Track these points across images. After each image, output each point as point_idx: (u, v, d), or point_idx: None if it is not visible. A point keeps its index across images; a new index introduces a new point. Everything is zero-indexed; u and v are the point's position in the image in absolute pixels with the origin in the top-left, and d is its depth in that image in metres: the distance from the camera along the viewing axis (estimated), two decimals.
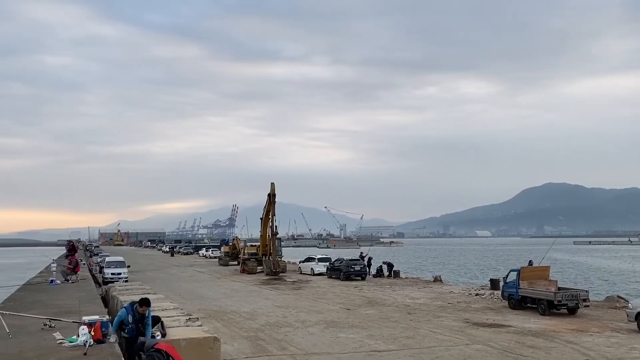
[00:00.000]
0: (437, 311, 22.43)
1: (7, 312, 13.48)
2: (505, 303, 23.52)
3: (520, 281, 22.55)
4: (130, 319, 10.63)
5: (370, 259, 42.46)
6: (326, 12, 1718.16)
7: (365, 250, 52.25)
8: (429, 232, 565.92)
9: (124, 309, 10.95)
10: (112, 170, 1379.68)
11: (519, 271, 23.08)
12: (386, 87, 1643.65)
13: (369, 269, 40.26)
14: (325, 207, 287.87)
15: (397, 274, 39.58)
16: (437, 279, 36.40)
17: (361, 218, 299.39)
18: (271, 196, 42.30)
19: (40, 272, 37.67)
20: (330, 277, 38.10)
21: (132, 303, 10.88)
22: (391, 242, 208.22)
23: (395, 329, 18.35)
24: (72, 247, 41.71)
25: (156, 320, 11.11)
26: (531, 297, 22.09)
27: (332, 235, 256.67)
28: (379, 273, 39.89)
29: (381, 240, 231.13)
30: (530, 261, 33.07)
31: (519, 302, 22.52)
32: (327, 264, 40.42)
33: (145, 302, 10.72)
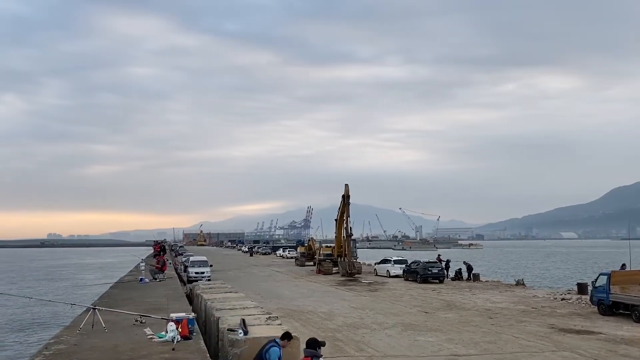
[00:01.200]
0: (520, 316, 21.60)
1: (103, 309, 14.44)
2: (594, 309, 22.25)
3: (611, 286, 21.26)
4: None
5: (448, 261, 41.55)
6: (397, 12, 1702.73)
7: (441, 252, 51.15)
8: (510, 234, 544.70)
9: (276, 348, 9.42)
10: (195, 174, 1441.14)
11: (609, 275, 21.76)
12: (462, 85, 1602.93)
13: (447, 272, 39.40)
14: (400, 209, 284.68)
15: (476, 277, 38.46)
16: (519, 283, 35.00)
17: (438, 219, 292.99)
18: (345, 197, 42.45)
19: (131, 271, 39.98)
20: (406, 279, 37.66)
21: (277, 340, 9.71)
22: (470, 245, 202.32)
23: (476, 333, 17.86)
24: (161, 248, 43.93)
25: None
26: (624, 302, 20.76)
27: (408, 237, 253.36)
28: (458, 276, 38.93)
29: (459, 242, 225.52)
30: (623, 264, 31.04)
31: (610, 308, 21.22)
32: (404, 266, 39.97)
33: (286, 336, 9.81)
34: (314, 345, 8.84)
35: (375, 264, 45.96)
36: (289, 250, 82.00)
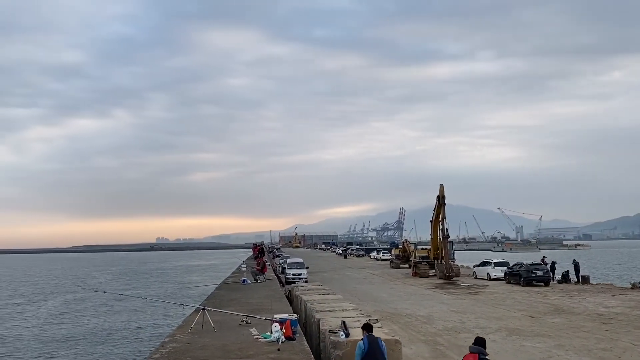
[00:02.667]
0: (638, 322, 19.97)
1: (212, 309, 15.24)
2: None
3: None
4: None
5: (553, 263, 39.29)
6: (486, 5, 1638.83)
7: (545, 253, 48.48)
8: (622, 233, 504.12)
9: (360, 342, 9.98)
10: (289, 178, 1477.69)
11: None
12: (561, 76, 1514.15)
13: (553, 274, 37.27)
14: (499, 209, 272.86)
15: (586, 280, 36.03)
16: (635, 286, 32.31)
17: (540, 219, 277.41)
18: (440, 198, 41.51)
19: (233, 273, 41.77)
20: (508, 282, 36.12)
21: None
22: (576, 245, 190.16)
23: (588, 339, 16.77)
24: (261, 250, 45.52)
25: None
26: None
27: (508, 238, 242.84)
28: (565, 278, 36.71)
29: (564, 242, 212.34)
30: None
31: None
32: (505, 268, 38.36)
33: (366, 327, 10.21)
34: (481, 343, 8.97)
35: (474, 266, 44.51)
36: (383, 253, 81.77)
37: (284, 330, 11.74)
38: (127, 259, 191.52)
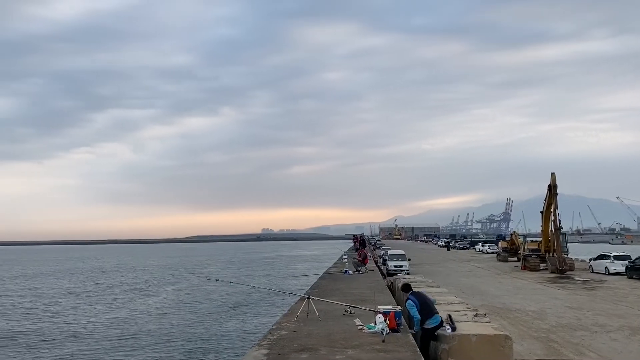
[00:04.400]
0: None
1: (316, 298, 15.53)
2: None
3: None
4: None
5: None
6: None
7: None
8: None
9: (410, 300, 11.73)
10: (388, 169, 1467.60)
11: None
12: None
13: None
14: (617, 198, 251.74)
15: None
16: None
17: None
18: (552, 187, 39.11)
19: (335, 263, 42.34)
20: (630, 277, 33.33)
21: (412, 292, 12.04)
22: None
23: None
24: (362, 241, 45.76)
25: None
26: None
27: (628, 230, 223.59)
28: None
29: None
30: None
31: None
32: (626, 262, 35.42)
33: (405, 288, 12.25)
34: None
35: (590, 259, 41.55)
36: (488, 245, 79.01)
37: (388, 322, 11.66)
38: (236, 248, 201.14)
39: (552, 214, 39.48)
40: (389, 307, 12.71)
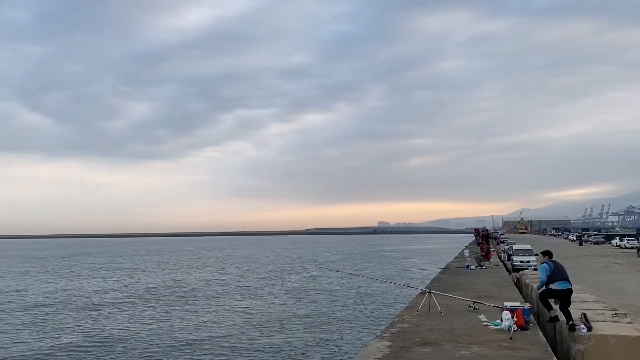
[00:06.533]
0: None
1: (438, 292, 15.34)
2: None
3: None
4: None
5: None
6: None
7: None
8: None
9: (545, 264, 12.47)
10: (510, 159, 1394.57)
11: None
12: None
13: None
14: None
15: None
16: None
17: None
18: None
19: (456, 258, 41.30)
20: None
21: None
22: None
23: None
24: (485, 235, 44.17)
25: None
26: None
27: None
28: None
29: None
30: None
31: None
32: None
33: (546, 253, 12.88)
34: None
35: None
36: (627, 239, 72.52)
37: (516, 319, 11.22)
38: (352, 241, 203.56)
39: None
40: (517, 303, 12.24)
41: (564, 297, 11.62)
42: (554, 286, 11.89)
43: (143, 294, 38.98)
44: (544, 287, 12.13)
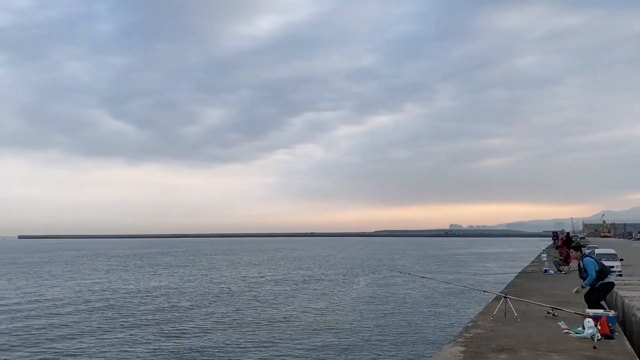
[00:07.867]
0: None
1: (514, 298, 14.87)
2: None
3: None
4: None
5: None
6: None
7: None
8: None
9: (590, 258, 12.79)
10: (591, 159, 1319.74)
11: None
12: None
13: None
14: None
15: None
16: None
17: None
18: None
19: (532, 262, 39.74)
20: None
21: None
22: None
23: None
24: (567, 239, 42.24)
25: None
26: None
27: None
28: None
29: None
30: None
31: None
32: None
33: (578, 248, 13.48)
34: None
35: None
36: None
37: (599, 327, 10.69)
38: (423, 244, 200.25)
39: None
40: (601, 311, 11.66)
41: (609, 292, 11.74)
42: (606, 279, 11.91)
43: (217, 293, 40.37)
44: (596, 284, 11.92)
